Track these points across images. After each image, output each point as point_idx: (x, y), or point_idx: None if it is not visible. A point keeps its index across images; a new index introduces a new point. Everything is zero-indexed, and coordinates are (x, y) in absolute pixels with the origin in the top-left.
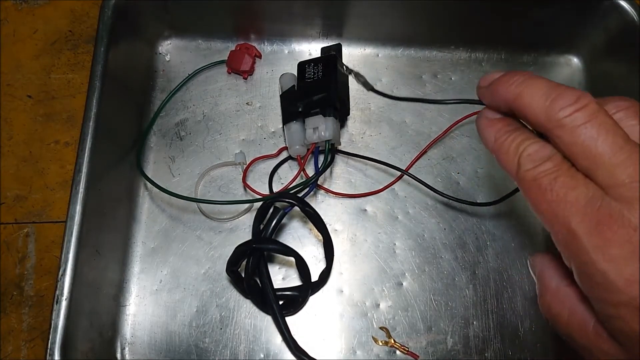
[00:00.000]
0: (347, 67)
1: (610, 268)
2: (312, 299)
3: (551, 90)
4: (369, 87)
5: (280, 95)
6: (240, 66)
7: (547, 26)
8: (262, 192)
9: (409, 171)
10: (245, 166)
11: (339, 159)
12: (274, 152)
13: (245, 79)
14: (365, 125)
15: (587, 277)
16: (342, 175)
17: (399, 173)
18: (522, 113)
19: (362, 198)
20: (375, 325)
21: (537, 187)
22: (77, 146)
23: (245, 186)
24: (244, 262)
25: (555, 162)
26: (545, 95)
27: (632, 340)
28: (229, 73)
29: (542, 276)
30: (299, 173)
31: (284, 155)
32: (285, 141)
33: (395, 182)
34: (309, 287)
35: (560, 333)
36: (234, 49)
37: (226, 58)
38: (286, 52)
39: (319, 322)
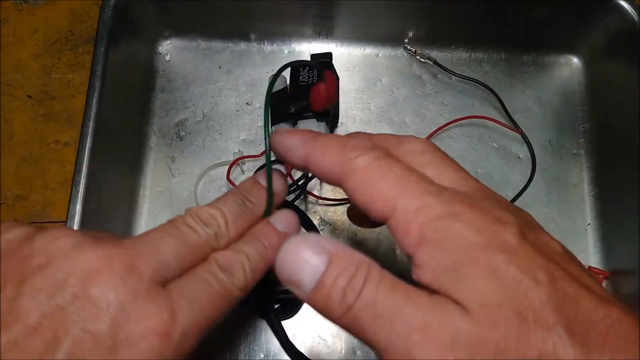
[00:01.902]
0: None
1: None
2: None
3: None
4: None
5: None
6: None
7: (547, 26)
8: None
9: None
10: (230, 164)
11: None
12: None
13: None
14: (365, 125)
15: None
16: None
17: None
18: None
19: None
20: None
21: None
22: (77, 146)
23: (230, 184)
24: None
25: None
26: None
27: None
28: None
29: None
30: (285, 177)
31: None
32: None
33: None
34: None
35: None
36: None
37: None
38: (286, 52)
39: (319, 322)
